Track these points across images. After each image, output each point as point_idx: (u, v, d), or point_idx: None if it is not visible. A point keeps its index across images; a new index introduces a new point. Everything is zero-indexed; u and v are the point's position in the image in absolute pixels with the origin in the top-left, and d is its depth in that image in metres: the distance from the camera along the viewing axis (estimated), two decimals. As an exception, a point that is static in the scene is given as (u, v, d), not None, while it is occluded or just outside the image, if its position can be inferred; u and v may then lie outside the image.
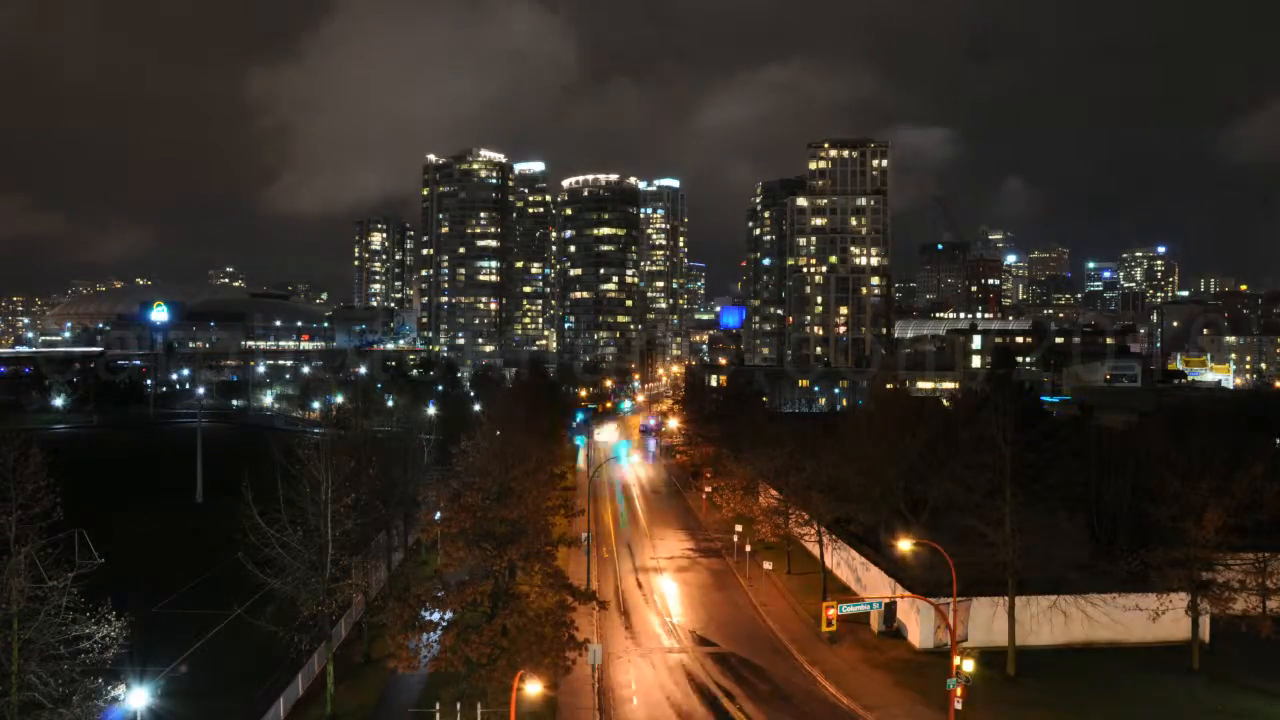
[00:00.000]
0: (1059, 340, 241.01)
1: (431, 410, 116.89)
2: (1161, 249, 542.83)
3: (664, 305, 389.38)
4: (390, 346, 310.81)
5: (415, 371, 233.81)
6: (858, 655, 55.46)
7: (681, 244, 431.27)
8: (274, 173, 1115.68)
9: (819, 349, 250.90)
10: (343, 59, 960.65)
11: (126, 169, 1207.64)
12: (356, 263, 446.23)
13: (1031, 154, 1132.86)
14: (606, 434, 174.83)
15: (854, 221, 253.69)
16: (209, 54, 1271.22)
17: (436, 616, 43.93)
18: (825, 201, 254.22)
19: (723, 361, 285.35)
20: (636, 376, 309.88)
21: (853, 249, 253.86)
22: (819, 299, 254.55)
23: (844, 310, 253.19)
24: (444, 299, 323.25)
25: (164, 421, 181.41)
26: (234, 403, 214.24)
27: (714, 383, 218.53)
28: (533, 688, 39.21)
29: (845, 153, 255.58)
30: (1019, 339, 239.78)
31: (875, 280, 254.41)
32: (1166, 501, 50.46)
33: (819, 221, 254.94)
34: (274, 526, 46.47)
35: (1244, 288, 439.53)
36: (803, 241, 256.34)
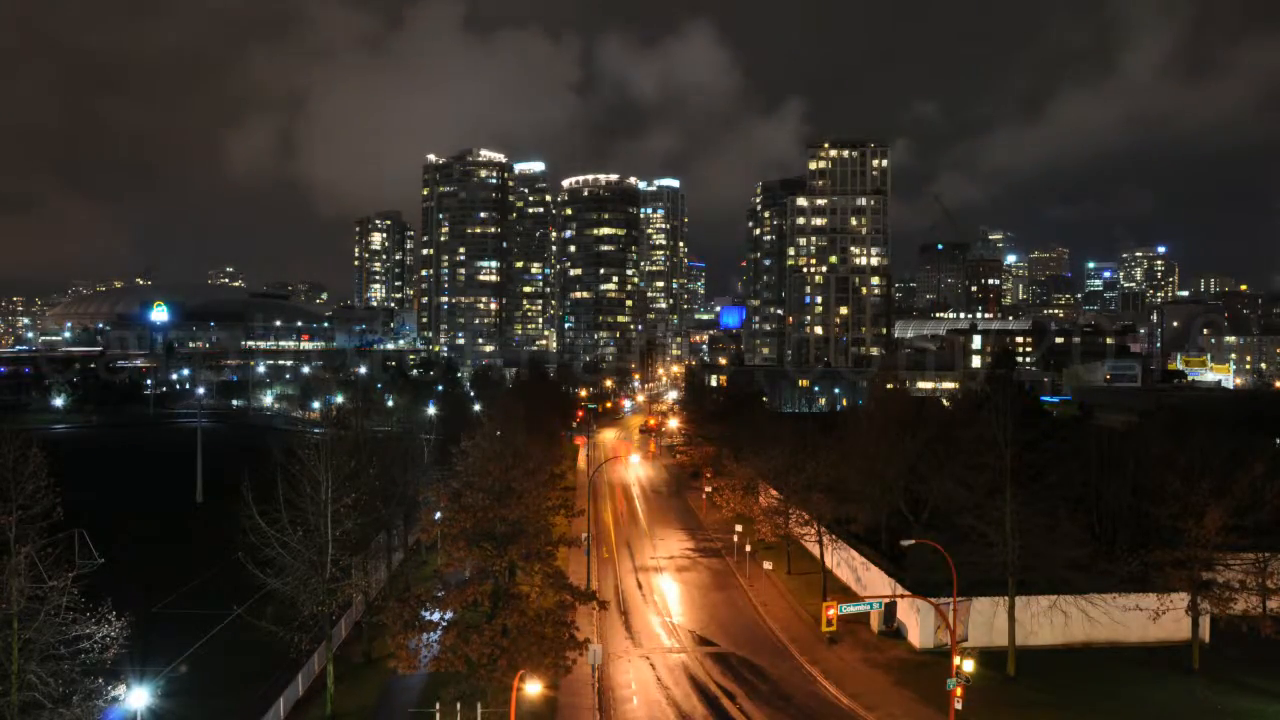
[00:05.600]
0: (1059, 340, 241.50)
1: (431, 410, 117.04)
2: (1161, 249, 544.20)
3: (664, 305, 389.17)
4: (390, 346, 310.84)
5: (415, 371, 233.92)
6: (858, 655, 55.43)
7: (681, 244, 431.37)
8: (276, 172, 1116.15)
9: (819, 349, 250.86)
10: (346, 60, 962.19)
11: (125, 168, 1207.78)
12: (356, 263, 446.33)
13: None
14: (607, 434, 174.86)
15: (854, 221, 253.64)
16: (210, 49, 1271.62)
17: (436, 616, 43.95)
18: (825, 201, 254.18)
19: (723, 361, 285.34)
20: (636, 376, 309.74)
21: (853, 249, 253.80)
22: (819, 299, 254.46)
23: (844, 310, 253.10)
24: (444, 299, 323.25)
25: (164, 421, 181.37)
26: (234, 403, 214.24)
27: (714, 383, 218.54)
28: (533, 688, 39.24)
29: (845, 152, 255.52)
30: (1019, 339, 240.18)
31: (875, 280, 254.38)
32: (1167, 501, 50.40)
33: (819, 221, 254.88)
34: (274, 526, 46.44)
35: (1244, 288, 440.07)
36: (803, 241, 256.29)
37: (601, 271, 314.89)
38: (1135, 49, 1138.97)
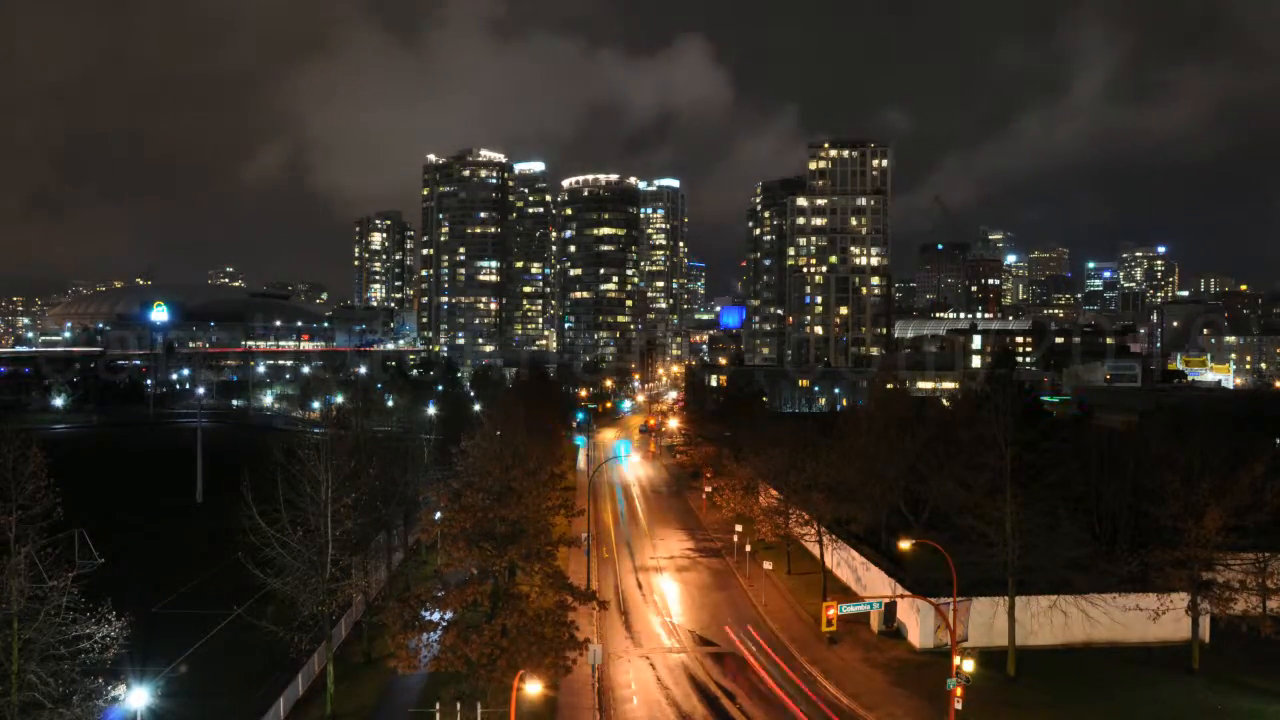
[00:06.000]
0: (1059, 340, 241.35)
1: (431, 410, 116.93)
2: (1161, 249, 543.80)
3: (664, 305, 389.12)
4: (390, 346, 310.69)
5: (415, 371, 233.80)
6: (858, 655, 55.44)
7: (681, 244, 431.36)
8: (276, 172, 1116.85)
9: (819, 349, 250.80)
10: (351, 64, 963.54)
11: (127, 169, 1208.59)
12: (356, 263, 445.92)
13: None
14: (607, 434, 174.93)
15: (854, 221, 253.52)
16: (213, 48, 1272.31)
17: (436, 616, 43.94)
18: (825, 201, 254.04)
19: (723, 361, 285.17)
20: (636, 376, 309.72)
21: (853, 249, 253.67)
22: (819, 299, 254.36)
23: (844, 310, 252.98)
24: (444, 299, 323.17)
25: (164, 421, 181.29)
26: (234, 403, 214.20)
27: (714, 383, 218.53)
28: (533, 688, 39.22)
29: (845, 153, 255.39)
30: (1019, 339, 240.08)
31: (875, 280, 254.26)
32: (1167, 501, 50.42)
33: (819, 221, 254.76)
34: (274, 526, 46.47)
35: (1244, 288, 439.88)
36: (803, 241, 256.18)
37: (601, 271, 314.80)
38: (1084, 73, 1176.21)
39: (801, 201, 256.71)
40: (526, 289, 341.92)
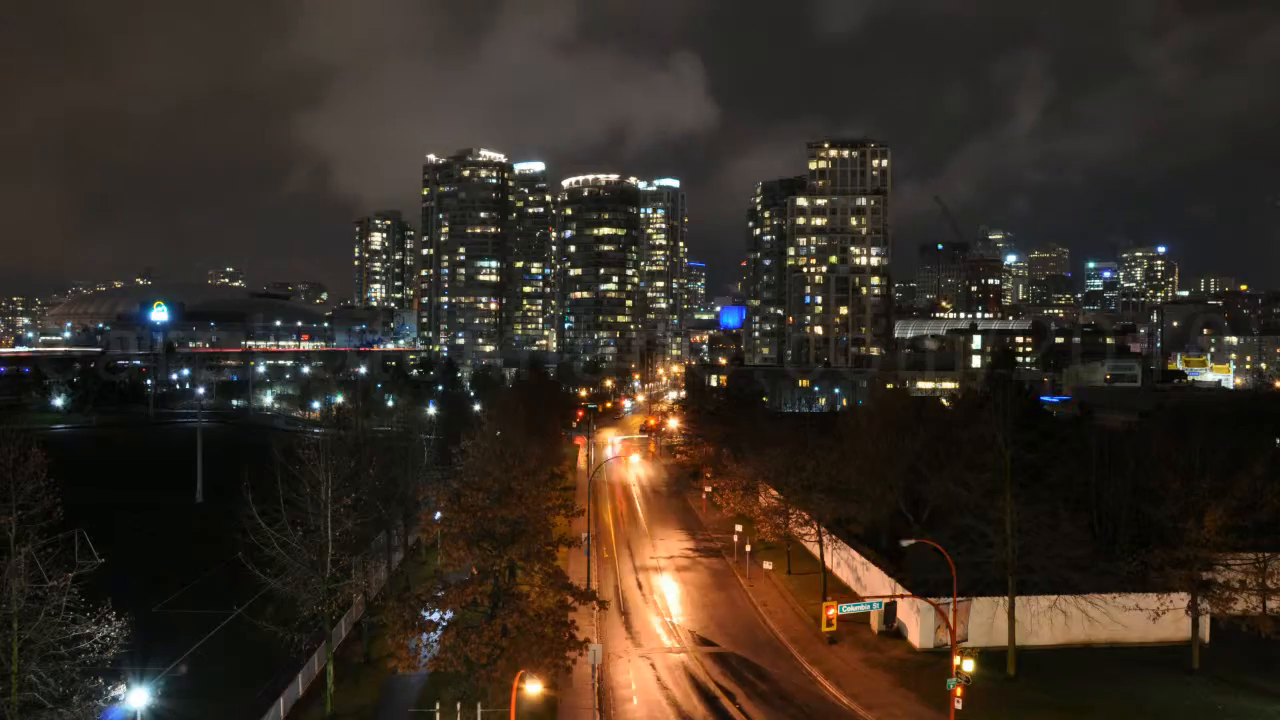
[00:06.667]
0: (1059, 340, 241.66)
1: (431, 410, 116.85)
2: (1161, 249, 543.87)
3: (664, 305, 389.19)
4: (390, 346, 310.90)
5: (415, 371, 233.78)
6: (858, 655, 55.43)
7: (681, 244, 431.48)
8: (276, 173, 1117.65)
9: (819, 349, 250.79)
10: (367, 81, 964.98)
11: (127, 170, 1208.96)
12: (356, 263, 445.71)
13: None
14: (607, 434, 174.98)
15: (854, 221, 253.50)
16: (215, 51, 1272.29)
17: (436, 616, 43.94)
18: (825, 201, 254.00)
19: (723, 361, 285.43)
20: (636, 376, 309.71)
21: (853, 249, 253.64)
22: (819, 299, 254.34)
23: (844, 310, 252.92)
24: (444, 299, 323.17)
25: (164, 422, 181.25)
26: (234, 403, 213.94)
27: (714, 383, 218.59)
28: (533, 688, 39.22)
29: (845, 152, 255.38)
30: (1019, 339, 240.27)
31: (875, 280, 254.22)
32: (1167, 501, 50.44)
33: (819, 221, 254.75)
34: (274, 526, 46.48)
35: (1244, 288, 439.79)
36: (803, 241, 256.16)
37: (601, 271, 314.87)
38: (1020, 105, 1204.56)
39: (801, 201, 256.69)
40: (526, 289, 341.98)
